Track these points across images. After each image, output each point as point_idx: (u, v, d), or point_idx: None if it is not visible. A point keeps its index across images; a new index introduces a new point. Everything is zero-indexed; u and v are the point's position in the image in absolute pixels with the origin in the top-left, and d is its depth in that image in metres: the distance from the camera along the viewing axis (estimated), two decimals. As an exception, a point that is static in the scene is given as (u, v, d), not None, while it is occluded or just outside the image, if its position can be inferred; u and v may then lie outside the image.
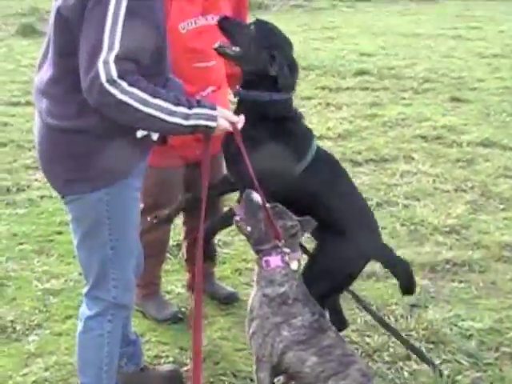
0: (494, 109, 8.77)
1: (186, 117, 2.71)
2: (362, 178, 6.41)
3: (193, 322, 3.08)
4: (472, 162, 6.89)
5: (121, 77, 2.56)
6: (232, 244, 5.12)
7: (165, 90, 2.74)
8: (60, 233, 5.28)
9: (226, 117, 2.90)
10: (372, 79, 10.27)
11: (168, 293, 4.48)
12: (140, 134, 2.83)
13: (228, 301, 4.36)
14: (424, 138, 7.63)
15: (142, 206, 3.77)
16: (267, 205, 3.09)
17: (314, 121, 8.18)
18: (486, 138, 7.55)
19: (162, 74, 2.88)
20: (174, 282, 4.59)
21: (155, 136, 2.91)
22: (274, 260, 3.13)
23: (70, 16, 2.67)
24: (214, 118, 2.80)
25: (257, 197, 3.12)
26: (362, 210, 3.64)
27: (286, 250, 3.15)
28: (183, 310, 4.27)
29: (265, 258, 3.14)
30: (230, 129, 2.93)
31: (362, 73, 10.56)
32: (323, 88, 9.75)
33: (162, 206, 3.95)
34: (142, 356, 3.60)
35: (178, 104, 2.70)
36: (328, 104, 9.00)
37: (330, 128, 7.83)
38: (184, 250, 4.49)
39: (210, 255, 4.36)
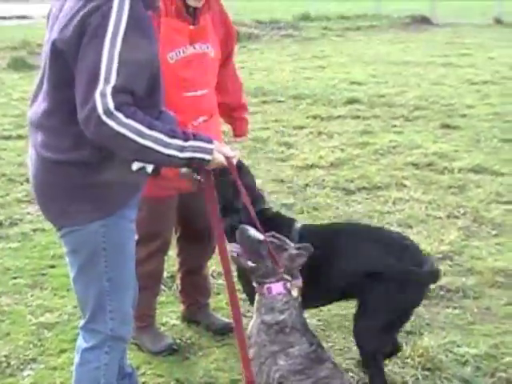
0: (484, 135, 8.85)
1: (181, 149, 2.71)
2: (355, 207, 6.45)
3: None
4: (464, 189, 6.93)
5: (118, 109, 2.58)
6: (226, 274, 5.10)
7: (160, 123, 2.75)
8: (53, 266, 5.27)
9: (222, 151, 2.91)
10: (363, 107, 10.38)
11: (163, 325, 4.46)
12: (135, 166, 2.84)
13: (223, 331, 4.33)
14: (415, 165, 7.68)
15: (136, 237, 3.80)
16: (267, 237, 3.11)
17: (305, 150, 8.25)
18: (477, 164, 7.61)
19: (155, 107, 2.89)
20: (169, 314, 4.57)
21: (150, 168, 2.92)
22: (276, 287, 3.13)
23: (66, 48, 2.69)
24: (209, 151, 2.80)
25: (254, 232, 3.13)
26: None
27: (288, 277, 3.16)
28: (178, 341, 4.24)
29: (267, 286, 3.13)
30: (225, 163, 2.94)
31: (352, 101, 10.68)
32: (314, 117, 9.85)
33: (156, 237, 3.97)
34: None
35: (173, 136, 2.71)
36: (319, 133, 9.07)
37: (322, 157, 7.87)
38: (178, 281, 4.49)
39: (204, 287, 4.39)
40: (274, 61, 14.90)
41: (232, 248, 3.17)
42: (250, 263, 3.13)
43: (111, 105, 2.57)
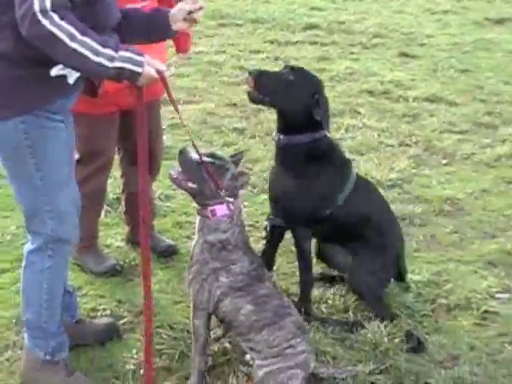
0: (441, 65, 8.78)
1: (111, 59, 2.65)
2: (308, 133, 6.38)
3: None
4: (417, 117, 6.91)
5: (53, 10, 2.54)
6: (173, 197, 5.06)
7: (94, 32, 2.66)
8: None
9: (153, 64, 2.79)
10: (321, 33, 10.21)
11: (107, 246, 4.42)
12: (54, 72, 2.79)
13: (167, 254, 4.31)
14: (371, 92, 7.62)
15: (77, 155, 3.71)
16: (206, 159, 3.06)
17: (261, 74, 8.10)
18: (433, 93, 7.58)
19: (96, 26, 2.76)
20: (114, 236, 4.53)
21: (71, 79, 2.84)
22: (221, 209, 3.10)
23: None
24: (139, 64, 2.71)
25: (194, 154, 3.07)
26: (396, 226, 4.00)
27: (230, 199, 3.12)
28: (122, 263, 4.21)
29: (211, 208, 3.10)
30: (157, 76, 2.81)
31: (311, 27, 10.49)
32: (272, 42, 9.67)
33: (97, 155, 3.89)
34: (77, 309, 3.56)
35: (105, 46, 2.64)
36: (276, 58, 8.92)
37: (277, 82, 7.75)
38: (123, 202, 4.43)
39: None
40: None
41: (171, 171, 3.11)
42: (190, 184, 3.08)
43: (48, 4, 2.54)
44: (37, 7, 2.53)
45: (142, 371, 3.25)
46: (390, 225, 3.94)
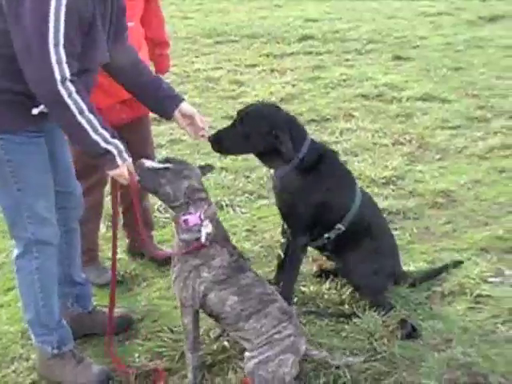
0: (434, 64, 8.91)
1: (106, 141, 2.94)
2: (303, 139, 6.50)
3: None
4: (411, 116, 7.02)
5: (71, 79, 2.79)
6: (172, 209, 5.17)
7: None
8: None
9: (130, 168, 3.08)
10: (316, 43, 10.37)
11: (108, 259, 4.50)
12: (36, 111, 3.00)
13: (167, 262, 4.36)
14: (365, 96, 7.74)
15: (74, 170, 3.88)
16: (164, 166, 3.18)
17: (257, 87, 8.27)
18: (426, 92, 7.69)
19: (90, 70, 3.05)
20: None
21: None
22: (192, 219, 3.18)
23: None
24: (123, 158, 3.01)
25: (151, 163, 3.18)
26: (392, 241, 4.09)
27: (206, 206, 3.22)
28: (123, 273, 4.33)
29: (184, 218, 3.19)
30: (125, 182, 3.11)
31: (306, 38, 10.67)
32: (267, 55, 9.83)
33: (93, 171, 4.02)
34: (90, 299, 3.78)
35: (104, 128, 2.93)
36: (272, 70, 9.07)
37: (272, 92, 7.91)
38: (121, 216, 4.55)
39: (145, 221, 4.45)
40: (230, 2, 14.74)
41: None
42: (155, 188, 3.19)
43: (67, 73, 2.77)
44: (58, 76, 2.75)
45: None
46: (384, 228, 4.07)
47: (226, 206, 5.19)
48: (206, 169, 3.39)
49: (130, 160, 3.06)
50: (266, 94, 7.86)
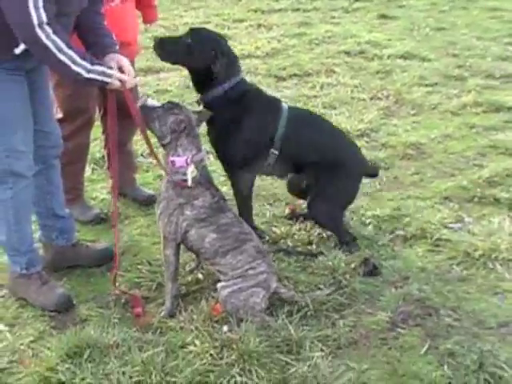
0: (418, 24, 9.10)
1: (88, 70, 3.20)
2: (284, 92, 6.75)
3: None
4: (390, 73, 7.25)
5: (48, 22, 3.03)
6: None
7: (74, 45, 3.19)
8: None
9: (119, 77, 3.37)
10: (304, 0, 10.50)
11: (93, 199, 4.79)
12: (19, 50, 3.22)
13: (148, 202, 4.67)
14: (347, 53, 7.96)
15: (60, 115, 4.12)
16: (158, 104, 3.48)
17: (243, 41, 8.46)
18: (407, 51, 7.91)
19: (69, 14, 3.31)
20: (99, 190, 4.90)
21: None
22: (179, 161, 3.44)
23: None
24: (108, 75, 3.31)
25: (151, 101, 3.50)
26: (344, 140, 4.29)
27: (194, 151, 3.46)
28: (106, 212, 4.57)
29: (171, 159, 3.46)
30: (122, 88, 3.41)
31: (294, -6, 10.79)
32: (255, 10, 10.01)
33: (79, 113, 4.24)
34: (73, 233, 4.04)
35: (83, 58, 3.19)
36: (259, 25, 9.27)
37: (258, 47, 8.11)
38: (106, 157, 4.79)
39: (129, 164, 4.70)
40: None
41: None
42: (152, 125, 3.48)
43: (44, 18, 3.02)
44: (35, 21, 3.00)
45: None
46: (345, 149, 4.20)
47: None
48: (202, 114, 3.64)
49: (115, 71, 3.36)
50: (252, 48, 8.06)
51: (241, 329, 3.29)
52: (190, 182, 3.41)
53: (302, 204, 4.45)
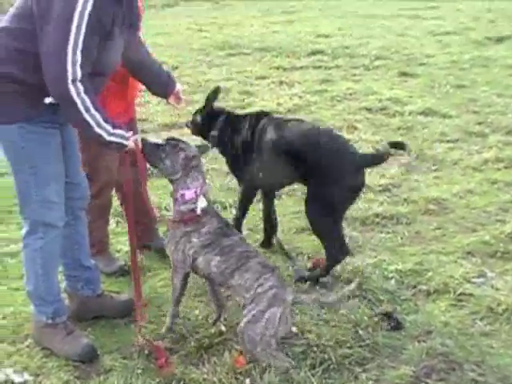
0: (439, 81, 9.20)
1: (109, 133, 3.33)
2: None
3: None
4: (411, 130, 7.31)
5: (81, 80, 3.15)
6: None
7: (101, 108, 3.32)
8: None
9: (132, 138, 3.52)
10: (325, 58, 10.69)
11: (117, 251, 4.84)
12: (48, 100, 3.34)
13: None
14: (369, 109, 8.06)
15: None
16: (160, 141, 3.64)
17: (266, 97, 8.58)
18: (428, 107, 8.00)
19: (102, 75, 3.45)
20: (123, 242, 4.95)
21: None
22: (189, 194, 3.59)
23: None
24: (126, 139, 3.44)
25: (152, 139, 3.65)
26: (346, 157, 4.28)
27: (201, 182, 3.62)
28: (129, 263, 4.60)
29: (181, 192, 3.61)
30: (135, 148, 3.54)
31: (316, 52, 11.00)
32: (277, 68, 10.17)
33: (100, 173, 4.34)
34: (98, 283, 4.09)
35: (106, 122, 3.31)
36: (281, 82, 9.41)
37: (280, 103, 8.22)
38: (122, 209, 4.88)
39: (146, 211, 4.75)
40: (244, 16, 15.12)
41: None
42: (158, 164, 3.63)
43: (79, 75, 3.14)
44: (70, 76, 3.12)
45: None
46: (334, 157, 4.22)
47: (230, 206, 5.48)
48: (203, 147, 3.81)
49: (130, 133, 3.48)
50: (274, 104, 8.18)
51: (263, 381, 3.30)
52: (199, 211, 3.57)
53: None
